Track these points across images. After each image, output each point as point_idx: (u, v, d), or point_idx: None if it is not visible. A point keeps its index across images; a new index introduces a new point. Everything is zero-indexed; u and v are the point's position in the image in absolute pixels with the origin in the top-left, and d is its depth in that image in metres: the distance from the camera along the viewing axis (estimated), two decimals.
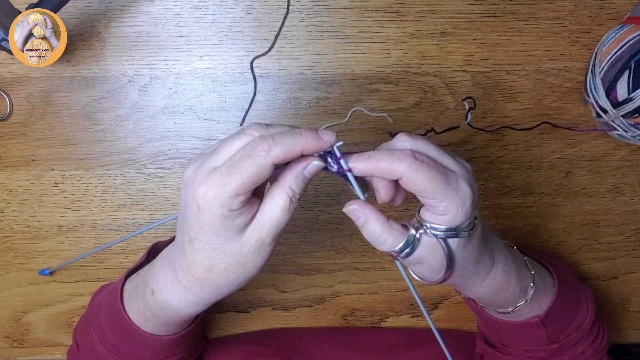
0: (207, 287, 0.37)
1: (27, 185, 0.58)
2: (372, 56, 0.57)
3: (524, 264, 0.46)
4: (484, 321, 0.51)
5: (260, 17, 0.56)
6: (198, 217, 0.34)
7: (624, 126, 0.53)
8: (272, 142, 0.33)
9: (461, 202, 0.35)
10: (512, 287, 0.44)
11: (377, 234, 0.36)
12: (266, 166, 0.32)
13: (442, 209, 0.35)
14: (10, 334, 0.61)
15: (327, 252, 0.61)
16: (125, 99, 0.57)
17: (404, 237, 0.36)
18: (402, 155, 0.34)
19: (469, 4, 0.56)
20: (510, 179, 0.60)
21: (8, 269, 0.60)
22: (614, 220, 0.61)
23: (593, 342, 0.49)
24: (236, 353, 0.57)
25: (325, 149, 0.34)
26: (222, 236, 0.34)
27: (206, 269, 0.36)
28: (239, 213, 0.34)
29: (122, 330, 0.45)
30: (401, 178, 0.34)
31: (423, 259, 0.37)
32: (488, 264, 0.41)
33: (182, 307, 0.40)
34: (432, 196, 0.34)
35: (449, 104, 0.58)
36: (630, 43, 0.51)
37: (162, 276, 0.40)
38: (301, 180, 0.34)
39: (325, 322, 0.62)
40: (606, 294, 0.63)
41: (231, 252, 0.35)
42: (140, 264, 0.48)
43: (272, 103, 0.57)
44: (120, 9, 0.55)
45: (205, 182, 0.33)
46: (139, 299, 0.43)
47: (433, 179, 0.34)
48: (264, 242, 0.35)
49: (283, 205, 0.34)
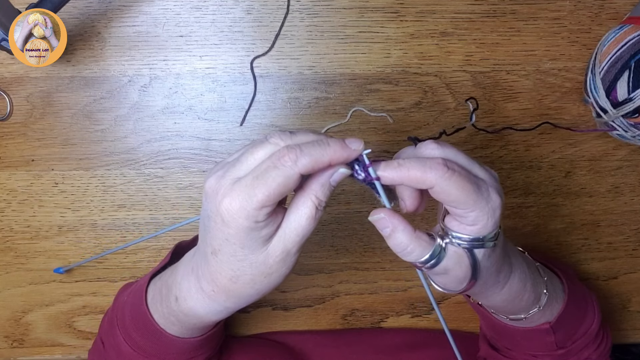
0: (232, 297, 0.37)
1: (27, 185, 0.58)
2: (372, 56, 0.57)
3: (536, 270, 0.46)
4: (491, 326, 0.51)
5: (260, 17, 0.56)
6: (222, 230, 0.33)
7: (624, 126, 0.53)
8: (299, 152, 0.32)
9: (491, 212, 0.34)
10: (528, 294, 0.43)
11: (404, 244, 0.35)
12: (293, 177, 0.31)
13: (472, 219, 0.34)
14: (10, 334, 0.61)
15: (327, 252, 0.61)
16: (125, 99, 0.57)
17: (431, 248, 0.35)
18: (433, 164, 0.33)
19: (469, 4, 0.56)
20: (510, 179, 0.60)
21: (8, 269, 0.60)
22: (614, 220, 0.61)
23: (598, 347, 0.49)
24: (247, 355, 0.57)
25: (354, 158, 0.34)
26: (248, 248, 0.33)
27: (231, 280, 0.35)
28: (265, 224, 0.33)
29: (147, 331, 0.44)
30: (433, 188, 0.33)
31: (449, 269, 0.36)
32: (507, 273, 0.41)
33: (206, 314, 0.39)
34: (464, 206, 0.34)
35: (449, 104, 0.58)
36: (630, 43, 0.51)
37: (186, 284, 0.39)
38: (327, 188, 0.34)
39: (325, 322, 0.62)
40: (606, 294, 0.63)
41: (256, 263, 0.34)
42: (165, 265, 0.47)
43: (272, 103, 0.57)
44: (120, 9, 0.55)
45: (229, 194, 0.32)
46: (163, 303, 0.42)
47: (465, 189, 0.33)
48: (290, 252, 0.34)
49: (309, 214, 0.33)
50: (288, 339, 0.61)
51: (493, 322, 0.49)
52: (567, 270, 0.51)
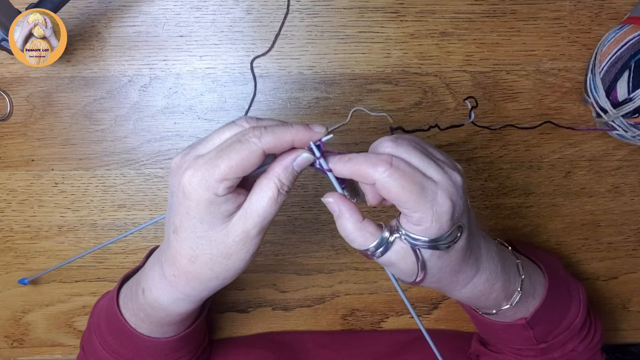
0: (191, 281, 0.37)
1: (27, 185, 0.58)
2: (372, 56, 0.57)
3: (515, 268, 0.45)
4: (474, 320, 0.51)
5: (260, 17, 0.56)
6: (183, 203, 0.34)
7: (624, 126, 0.53)
8: (263, 130, 0.33)
9: (436, 217, 0.34)
10: (496, 294, 0.43)
11: (347, 230, 0.36)
12: (256, 152, 0.32)
13: (415, 219, 0.34)
14: (10, 334, 0.61)
15: (327, 252, 0.61)
16: (125, 99, 0.57)
17: (374, 239, 0.36)
18: (378, 160, 0.34)
19: (469, 4, 0.56)
20: (510, 179, 0.60)
21: (8, 269, 0.60)
22: (614, 220, 0.61)
23: (584, 339, 0.49)
24: (242, 357, 0.57)
25: (316, 140, 0.35)
26: (207, 223, 0.34)
27: (190, 260, 0.36)
28: (225, 199, 0.33)
29: (120, 333, 0.44)
30: (375, 184, 0.34)
31: (393, 263, 0.36)
32: (470, 274, 0.40)
33: (170, 304, 0.39)
34: (406, 206, 0.34)
35: (449, 104, 0.58)
36: (630, 43, 0.51)
37: (151, 273, 0.40)
38: (290, 172, 0.34)
39: (325, 322, 0.62)
40: (606, 294, 0.63)
41: (215, 241, 0.34)
42: (138, 268, 0.48)
43: (272, 103, 0.57)
44: (120, 9, 0.55)
45: (192, 166, 0.33)
46: (133, 299, 0.43)
47: (406, 188, 0.33)
48: (250, 234, 0.34)
49: (271, 196, 0.34)
50: (288, 339, 0.61)
51: (475, 317, 0.49)
52: (553, 263, 0.51)
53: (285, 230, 0.60)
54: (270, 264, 0.61)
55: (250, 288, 0.61)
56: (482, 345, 0.54)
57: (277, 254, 0.61)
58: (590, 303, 0.63)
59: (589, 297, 0.62)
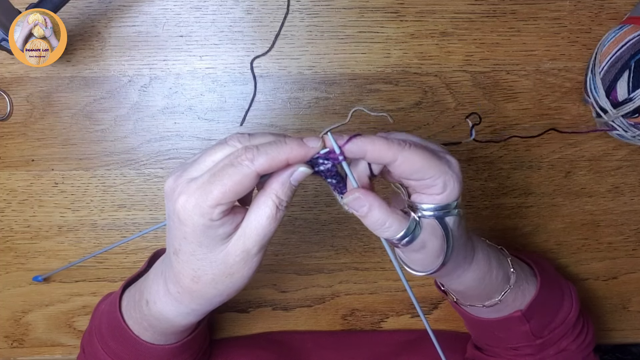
0: (196, 298, 0.37)
1: (27, 185, 0.58)
2: (372, 56, 0.57)
3: (497, 249, 0.47)
4: (471, 323, 0.51)
5: (260, 17, 0.56)
6: (180, 228, 0.33)
7: (624, 126, 0.53)
8: (256, 151, 0.32)
9: (456, 177, 0.36)
10: (495, 270, 0.44)
11: (381, 220, 0.35)
12: (250, 175, 0.32)
13: (440, 185, 0.35)
14: (10, 334, 0.61)
15: (327, 252, 0.61)
16: (125, 99, 0.57)
17: (407, 222, 0.36)
18: (394, 140, 0.34)
19: (469, 4, 0.56)
20: (510, 179, 0.60)
21: (8, 269, 0.60)
22: (614, 220, 0.61)
23: (577, 338, 0.49)
24: (242, 357, 0.57)
25: (311, 156, 0.34)
26: (205, 246, 0.33)
27: (193, 280, 0.35)
28: (221, 223, 0.33)
29: (123, 339, 0.45)
30: (396, 160, 0.34)
31: (426, 242, 0.36)
32: (471, 248, 0.42)
33: (175, 317, 0.39)
34: (430, 173, 0.34)
35: (449, 104, 0.58)
36: (630, 43, 0.51)
37: (155, 287, 0.40)
38: (288, 187, 0.34)
39: (325, 322, 0.62)
40: (606, 294, 0.63)
41: (216, 262, 0.34)
42: (140, 273, 0.48)
43: (272, 103, 0.57)
44: (120, 9, 0.55)
45: (185, 191, 0.32)
46: (136, 308, 0.43)
47: (427, 158, 0.34)
48: (250, 252, 0.34)
49: (269, 214, 0.33)
50: (288, 339, 0.61)
51: (472, 319, 0.49)
52: (540, 261, 0.52)
53: (285, 230, 0.60)
54: (270, 264, 0.61)
55: (250, 288, 0.61)
56: (477, 349, 0.54)
57: (277, 254, 0.61)
58: (590, 303, 0.63)
59: (589, 297, 0.63)
